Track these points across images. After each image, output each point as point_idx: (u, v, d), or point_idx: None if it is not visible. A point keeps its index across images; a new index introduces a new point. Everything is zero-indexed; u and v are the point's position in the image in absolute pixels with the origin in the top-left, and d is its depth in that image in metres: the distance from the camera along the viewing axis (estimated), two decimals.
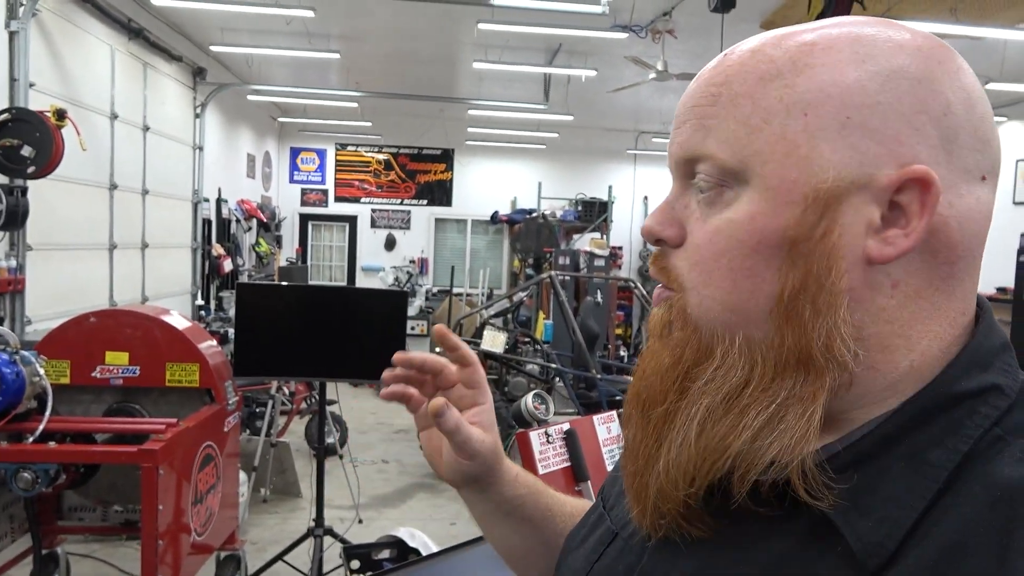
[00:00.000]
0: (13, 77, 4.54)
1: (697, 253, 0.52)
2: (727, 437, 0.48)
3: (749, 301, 0.49)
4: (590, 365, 5.54)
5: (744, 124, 0.49)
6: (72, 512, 3.28)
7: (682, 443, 0.50)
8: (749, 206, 0.49)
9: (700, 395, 0.50)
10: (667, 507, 0.51)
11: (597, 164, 12.59)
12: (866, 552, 0.44)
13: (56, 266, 5.15)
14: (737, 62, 0.51)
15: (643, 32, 6.32)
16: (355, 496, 4.13)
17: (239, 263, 9.17)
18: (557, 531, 0.77)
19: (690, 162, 0.52)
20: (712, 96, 0.51)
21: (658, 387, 0.53)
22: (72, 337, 2.89)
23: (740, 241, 0.49)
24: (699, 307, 0.51)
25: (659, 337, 0.55)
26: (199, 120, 7.95)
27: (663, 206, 0.55)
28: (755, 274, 0.49)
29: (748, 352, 0.49)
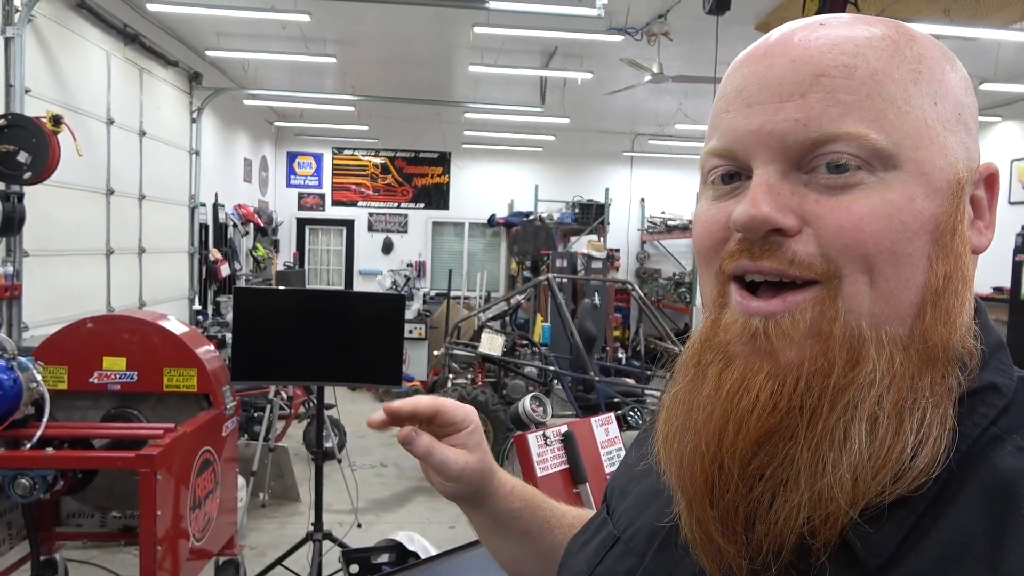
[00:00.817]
0: (9, 83, 4.53)
1: (846, 235, 0.45)
2: (893, 447, 0.43)
3: (904, 291, 0.45)
4: (588, 367, 5.55)
5: (892, 104, 0.46)
6: (70, 518, 3.27)
7: (854, 458, 0.43)
8: (907, 189, 0.46)
9: (860, 403, 0.44)
10: (824, 537, 0.44)
11: (594, 166, 12.61)
12: (867, 551, 0.43)
13: (53, 272, 5.14)
14: (862, 35, 0.47)
15: (638, 34, 6.34)
16: (354, 500, 4.13)
17: (236, 268, 9.16)
18: (555, 543, 0.77)
19: (819, 142, 0.46)
20: (846, 67, 0.46)
21: (789, 408, 0.45)
22: (69, 343, 2.89)
23: (904, 223, 0.45)
24: (854, 297, 0.46)
25: (787, 347, 0.46)
26: (195, 125, 7.95)
27: (767, 189, 0.47)
28: (913, 262, 0.45)
29: (892, 349, 0.45)
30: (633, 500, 0.63)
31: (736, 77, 0.51)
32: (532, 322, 9.24)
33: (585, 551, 0.64)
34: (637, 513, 0.61)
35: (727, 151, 0.50)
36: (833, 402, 0.44)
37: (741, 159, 0.50)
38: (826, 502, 0.43)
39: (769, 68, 0.49)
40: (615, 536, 0.61)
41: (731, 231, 0.50)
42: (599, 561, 0.61)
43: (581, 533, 0.69)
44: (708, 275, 0.53)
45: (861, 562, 0.44)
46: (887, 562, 0.43)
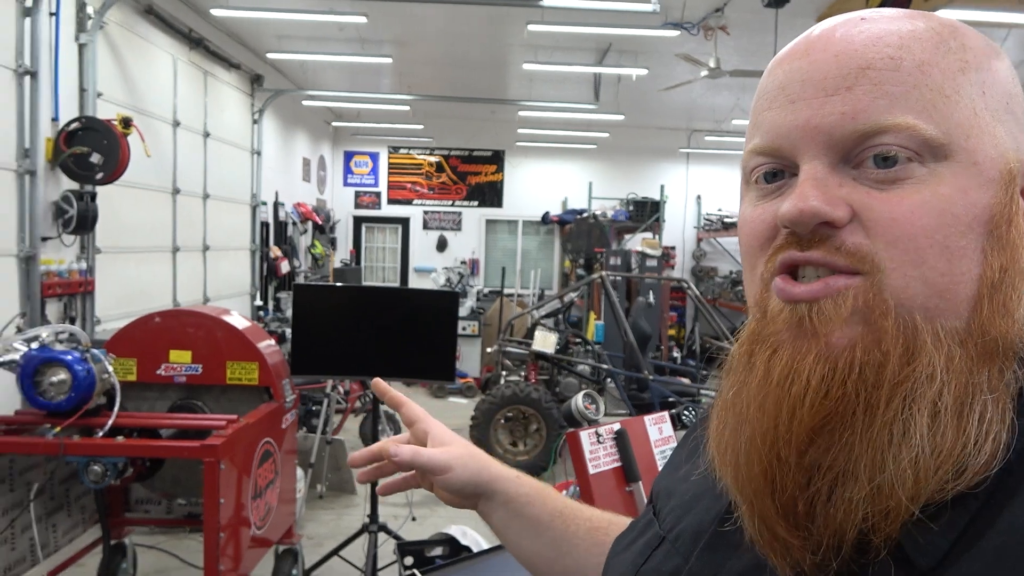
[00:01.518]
0: (83, 87, 4.73)
1: (897, 228, 0.45)
2: (956, 440, 0.43)
3: (960, 285, 0.45)
4: (642, 366, 5.50)
5: (940, 94, 0.45)
6: (139, 505, 3.41)
7: (915, 452, 0.42)
8: (958, 180, 0.45)
9: (919, 396, 0.43)
10: (885, 532, 0.43)
11: (649, 163, 12.48)
12: (918, 551, 0.42)
13: (123, 268, 5.35)
14: (906, 28, 0.47)
15: (695, 29, 6.24)
16: (408, 494, 4.19)
17: (295, 265, 9.37)
18: (568, 532, 0.78)
19: (867, 135, 0.46)
20: (891, 60, 0.46)
21: (841, 397, 0.44)
22: (138, 336, 3.00)
23: (956, 216, 0.44)
24: (904, 291, 0.45)
25: (829, 332, 0.46)
26: (257, 126, 8.17)
27: (816, 183, 0.46)
28: (967, 254, 0.45)
29: (949, 343, 0.44)
30: (679, 500, 0.63)
31: (777, 74, 0.51)
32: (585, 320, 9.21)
33: (631, 551, 0.64)
34: (683, 512, 0.61)
35: (772, 148, 0.50)
36: (891, 395, 0.43)
37: (786, 155, 0.49)
38: (886, 497, 0.42)
39: (812, 64, 0.48)
40: (661, 536, 0.61)
41: (778, 229, 0.49)
42: (644, 561, 0.61)
43: (627, 533, 0.69)
44: (754, 276, 0.52)
45: (912, 562, 0.43)
46: (939, 564, 0.42)
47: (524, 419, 5.50)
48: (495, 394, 5.43)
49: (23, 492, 2.76)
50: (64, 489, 3.04)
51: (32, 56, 4.18)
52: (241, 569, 2.77)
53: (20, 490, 2.75)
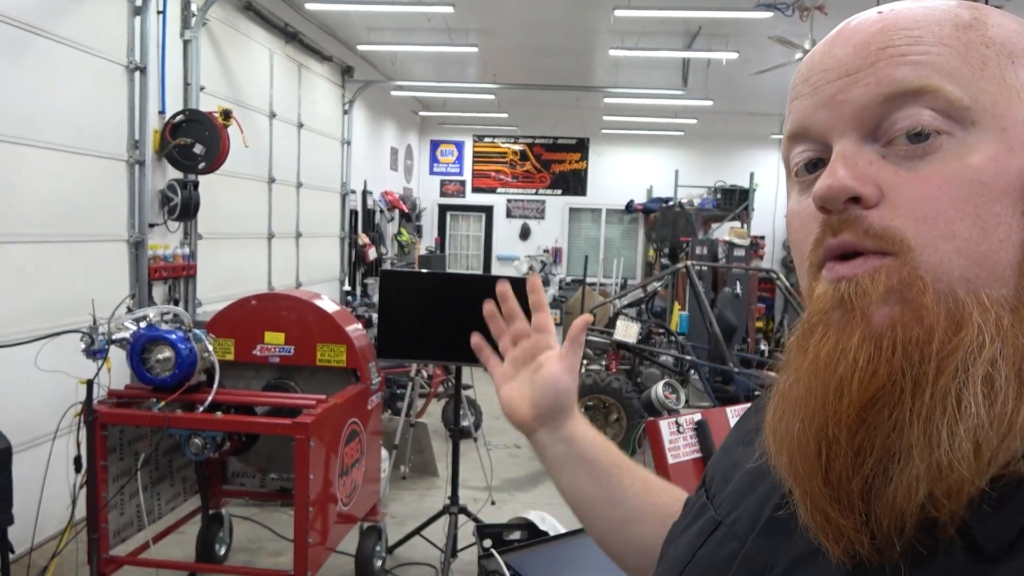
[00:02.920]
0: (187, 81, 4.99)
1: (926, 205, 0.45)
2: (1020, 410, 0.41)
3: (1000, 252, 0.44)
4: (727, 358, 5.38)
5: (965, 62, 0.46)
6: (235, 477, 3.59)
7: (973, 425, 0.41)
8: (988, 147, 0.45)
9: (971, 367, 0.42)
10: (950, 507, 0.42)
11: (738, 150, 12.13)
12: (985, 536, 0.41)
13: (222, 253, 5.62)
14: (921, 11, 0.48)
15: (790, 10, 6.01)
16: (488, 478, 4.25)
17: (382, 251, 9.61)
18: (624, 484, 0.80)
19: (893, 101, 0.46)
20: (912, 37, 0.47)
21: (888, 375, 0.44)
22: (236, 318, 3.16)
23: (986, 186, 0.44)
24: (940, 265, 0.44)
25: (866, 310, 0.46)
26: (347, 116, 8.40)
27: (845, 160, 0.47)
28: (1004, 222, 0.44)
29: (998, 311, 0.43)
30: (736, 485, 0.62)
31: (802, 69, 0.52)
32: (669, 310, 9.06)
33: (686, 535, 0.64)
34: (740, 497, 0.61)
35: (801, 128, 0.51)
36: (939, 368, 0.43)
37: (816, 135, 0.50)
38: (947, 473, 0.41)
39: (832, 56, 0.49)
40: (717, 520, 0.61)
41: (820, 219, 0.49)
42: (701, 544, 0.61)
43: (682, 517, 0.69)
44: (803, 269, 0.52)
45: (979, 546, 0.41)
46: (1007, 547, 0.40)
47: (604, 408, 5.47)
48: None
49: (131, 461, 2.95)
50: (167, 460, 3.24)
51: (141, 52, 4.43)
52: (328, 543, 2.89)
53: (128, 459, 2.95)
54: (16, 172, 3.55)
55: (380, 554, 3.50)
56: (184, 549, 3.58)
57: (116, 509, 2.88)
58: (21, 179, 3.58)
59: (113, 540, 2.85)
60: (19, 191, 3.57)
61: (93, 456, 2.67)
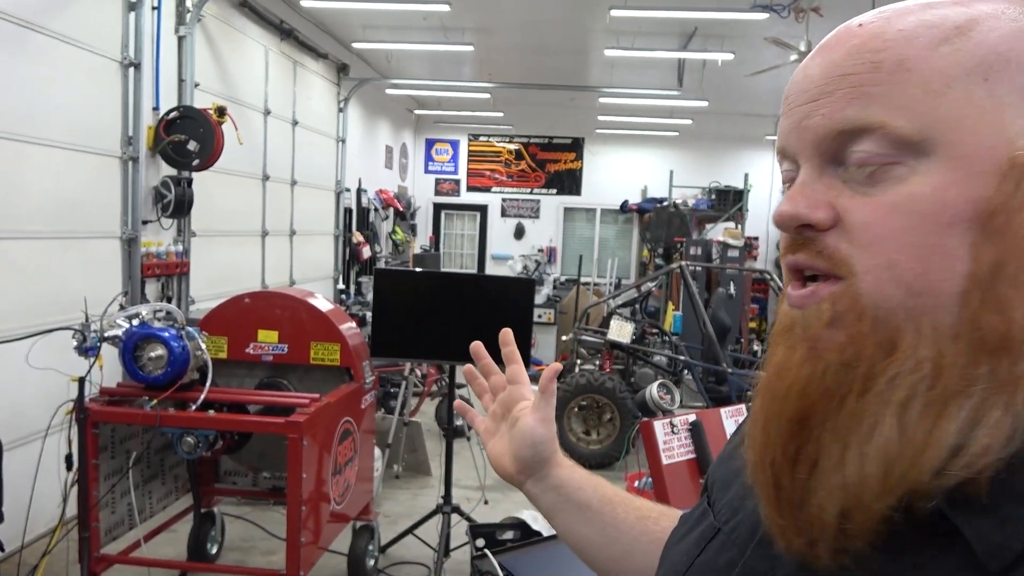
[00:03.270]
0: (181, 78, 4.96)
1: (870, 232, 0.46)
2: (932, 433, 0.43)
3: (941, 282, 0.44)
4: (720, 359, 5.39)
5: (924, 88, 0.45)
6: (227, 476, 3.58)
7: (883, 446, 0.44)
8: (936, 177, 0.45)
9: (891, 391, 0.44)
10: (859, 524, 0.44)
11: (732, 151, 12.14)
12: (988, 553, 0.41)
13: (216, 251, 5.60)
14: (896, 27, 0.47)
15: (785, 11, 6.02)
16: (482, 478, 4.25)
17: (377, 250, 9.59)
18: (617, 519, 0.80)
19: (845, 135, 0.47)
20: (871, 63, 0.47)
21: (820, 392, 0.47)
22: (230, 316, 3.14)
23: (929, 216, 0.45)
24: (878, 293, 0.46)
25: (811, 337, 0.48)
26: (342, 114, 8.38)
27: (800, 188, 0.50)
28: (947, 252, 0.44)
29: (937, 339, 0.44)
30: (735, 492, 0.62)
31: (789, 86, 0.54)
32: (663, 311, 9.08)
33: (685, 542, 0.64)
34: (739, 504, 0.60)
35: (781, 150, 0.54)
36: (863, 390, 0.45)
37: (791, 156, 0.52)
38: (855, 491, 0.44)
39: (806, 76, 0.51)
40: (716, 528, 0.61)
41: None
42: (699, 552, 0.61)
43: (681, 525, 0.69)
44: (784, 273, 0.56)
45: (983, 563, 0.41)
46: (1012, 564, 0.40)
47: (598, 408, 5.48)
48: (569, 383, 5.43)
49: (123, 460, 2.94)
50: (159, 459, 3.23)
51: (136, 48, 4.41)
52: (321, 542, 2.88)
53: (120, 458, 2.93)
54: (9, 168, 3.53)
55: (373, 553, 3.49)
56: (176, 548, 3.57)
57: (107, 507, 2.86)
58: (14, 175, 3.56)
59: (104, 538, 2.84)
60: (12, 187, 3.55)
61: (84, 454, 2.66)
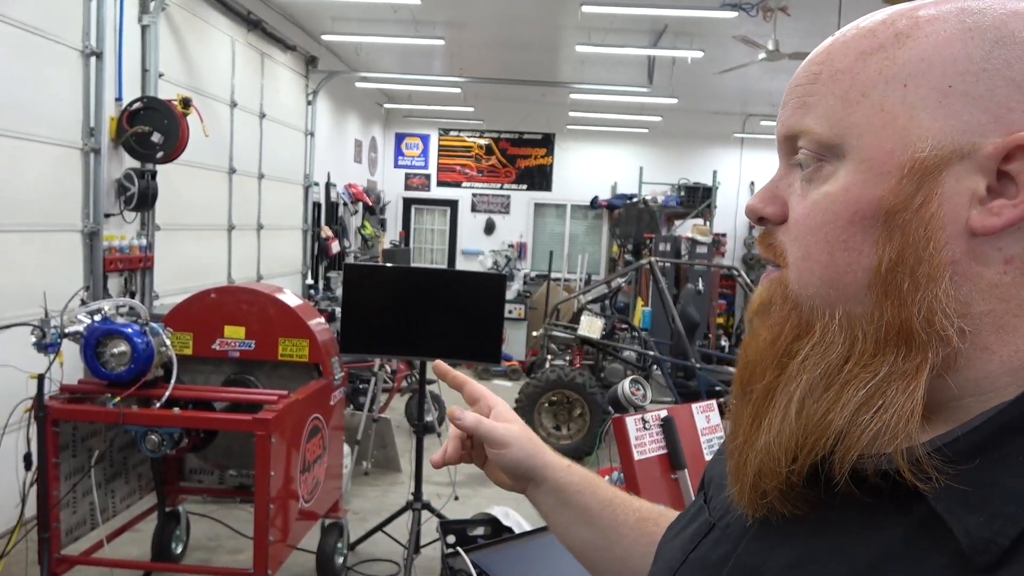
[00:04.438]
0: (145, 68, 4.86)
1: (796, 228, 0.52)
2: (828, 413, 0.47)
3: (847, 275, 0.49)
4: (689, 354, 5.44)
5: (842, 99, 0.49)
6: (192, 474, 3.52)
7: (783, 420, 0.49)
8: (845, 178, 0.49)
9: (799, 371, 0.49)
10: (768, 485, 0.50)
11: (701, 148, 12.26)
12: (975, 548, 0.41)
13: (180, 245, 5.50)
14: (840, 40, 0.52)
15: (754, 10, 6.08)
16: (452, 473, 4.23)
17: (346, 245, 9.51)
18: (617, 522, 0.81)
19: (791, 139, 0.53)
20: (813, 75, 0.52)
21: (758, 365, 0.53)
22: (195, 311, 3.09)
23: (836, 214, 0.49)
24: (798, 282, 0.51)
25: (758, 315, 0.56)
26: (311, 107, 8.28)
27: (768, 185, 0.56)
28: (852, 247, 0.48)
29: (848, 327, 0.48)
30: (730, 489, 0.62)
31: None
32: (632, 306, 9.14)
33: (681, 537, 0.65)
34: (734, 502, 0.60)
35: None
36: (778, 367, 0.51)
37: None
38: (764, 457, 0.50)
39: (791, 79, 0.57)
40: (711, 523, 0.61)
41: None
42: (694, 547, 0.61)
43: (678, 520, 0.70)
44: None
45: (969, 559, 0.42)
46: (999, 561, 0.41)
47: (568, 403, 5.50)
48: (540, 378, 5.44)
49: (84, 458, 2.87)
50: (122, 457, 3.16)
51: (97, 37, 4.30)
52: (289, 540, 2.85)
53: (82, 456, 2.87)
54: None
55: (342, 551, 3.46)
56: (139, 548, 3.50)
57: (68, 507, 2.80)
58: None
59: (65, 539, 2.77)
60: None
61: (44, 453, 2.59)
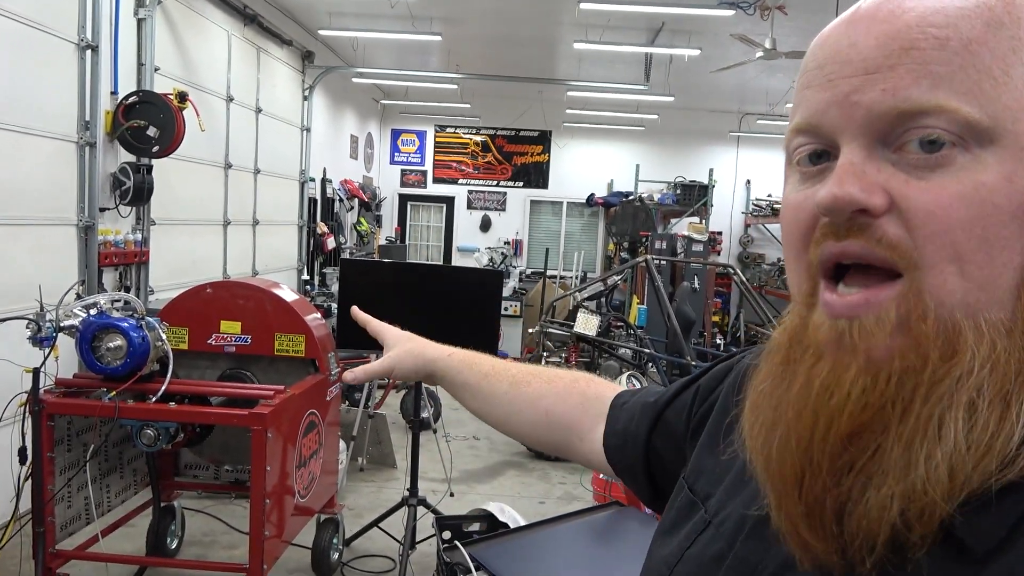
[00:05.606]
0: (140, 62, 4.84)
1: (935, 222, 0.43)
2: (998, 431, 0.42)
3: (1001, 276, 0.43)
4: (685, 352, 5.45)
5: (988, 75, 0.43)
6: (187, 469, 3.51)
7: (951, 448, 0.42)
8: (1003, 167, 0.43)
9: (958, 392, 0.43)
10: (923, 529, 0.42)
11: (698, 146, 12.26)
12: (973, 537, 0.42)
13: (176, 240, 5.48)
14: (951, 3, 0.45)
15: (751, 9, 6.09)
16: (448, 470, 4.23)
17: (341, 241, 9.49)
18: (493, 391, 0.95)
19: (905, 116, 0.44)
20: (937, 40, 0.44)
21: (881, 404, 0.44)
22: (191, 306, 3.08)
23: (997, 206, 0.43)
24: (942, 288, 0.44)
25: (873, 347, 0.45)
26: (307, 102, 8.25)
27: (853, 168, 0.46)
28: (1010, 245, 0.43)
29: (993, 335, 0.43)
30: (725, 486, 0.62)
31: (818, 54, 0.49)
32: (628, 304, 9.15)
33: (676, 535, 0.65)
34: (727, 498, 0.61)
35: (811, 126, 0.49)
36: (928, 395, 0.43)
37: (826, 134, 0.48)
38: (920, 495, 0.42)
39: (852, 46, 0.47)
40: (707, 521, 0.61)
41: (819, 217, 0.48)
42: (689, 544, 0.61)
43: (666, 512, 0.70)
44: (798, 266, 0.51)
45: (969, 549, 0.42)
46: (996, 547, 0.41)
47: None
48: None
49: (79, 453, 2.86)
50: (118, 452, 3.15)
51: (93, 30, 4.28)
52: (284, 536, 2.84)
53: (77, 451, 2.86)
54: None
55: (337, 546, 3.46)
56: (134, 543, 3.49)
57: (63, 502, 2.79)
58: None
59: (60, 534, 2.76)
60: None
61: (39, 447, 2.59)
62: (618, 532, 1.98)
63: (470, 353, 1.00)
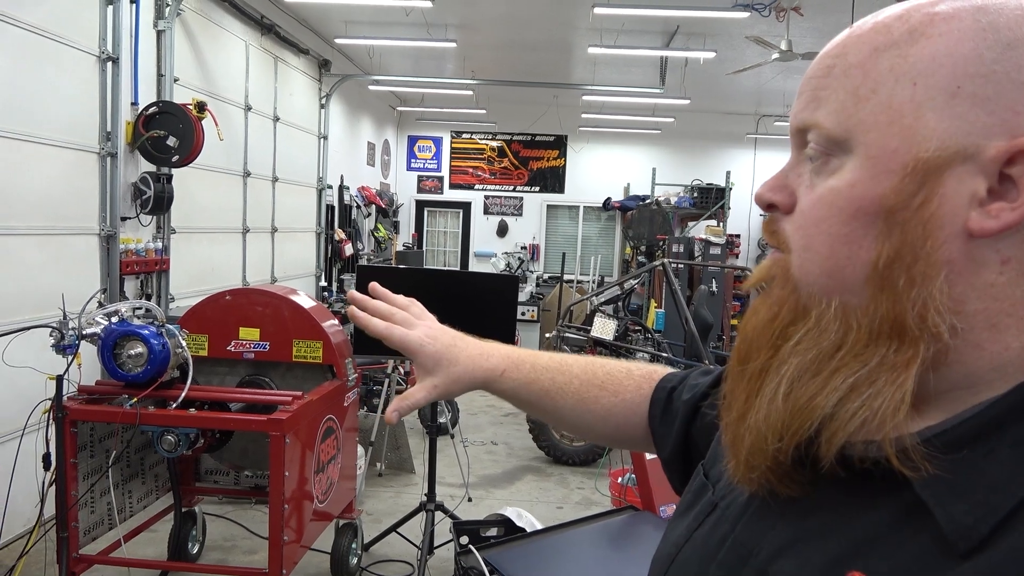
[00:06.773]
0: (160, 73, 4.90)
1: (801, 218, 0.53)
2: (815, 398, 0.49)
3: (846, 267, 0.50)
4: (703, 356, 5.42)
5: (852, 94, 0.50)
6: (208, 475, 3.54)
7: (771, 400, 0.51)
8: (850, 174, 0.50)
9: (791, 354, 0.51)
10: (757, 461, 0.52)
11: (714, 149, 12.21)
12: (956, 534, 0.43)
13: (196, 248, 5.55)
14: (856, 34, 0.52)
15: (767, 10, 6.06)
16: (465, 475, 4.24)
17: (359, 247, 9.55)
18: (559, 407, 0.91)
19: (802, 132, 0.54)
20: (826, 68, 0.52)
21: (754, 342, 0.55)
22: (210, 313, 3.11)
23: (839, 208, 0.50)
24: (799, 269, 0.53)
25: (758, 290, 0.58)
26: (324, 110, 8.32)
27: (777, 174, 0.56)
28: (852, 241, 0.49)
29: (843, 317, 0.50)
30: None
31: None
32: (646, 308, 9.12)
33: (687, 517, 0.67)
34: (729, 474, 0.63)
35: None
36: (773, 347, 0.53)
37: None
38: (755, 431, 0.52)
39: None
40: (713, 503, 0.64)
41: None
42: (698, 525, 0.64)
43: (684, 495, 0.72)
44: None
45: (951, 544, 0.43)
46: (978, 546, 0.42)
47: None
48: None
49: (102, 459, 2.90)
50: (139, 458, 3.19)
51: (114, 42, 4.35)
52: (303, 540, 2.86)
53: (99, 457, 2.90)
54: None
55: (356, 551, 3.48)
56: (156, 548, 3.53)
57: (86, 507, 2.83)
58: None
59: (83, 539, 2.80)
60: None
61: (63, 453, 2.62)
62: (632, 536, 1.98)
63: (523, 364, 0.93)
